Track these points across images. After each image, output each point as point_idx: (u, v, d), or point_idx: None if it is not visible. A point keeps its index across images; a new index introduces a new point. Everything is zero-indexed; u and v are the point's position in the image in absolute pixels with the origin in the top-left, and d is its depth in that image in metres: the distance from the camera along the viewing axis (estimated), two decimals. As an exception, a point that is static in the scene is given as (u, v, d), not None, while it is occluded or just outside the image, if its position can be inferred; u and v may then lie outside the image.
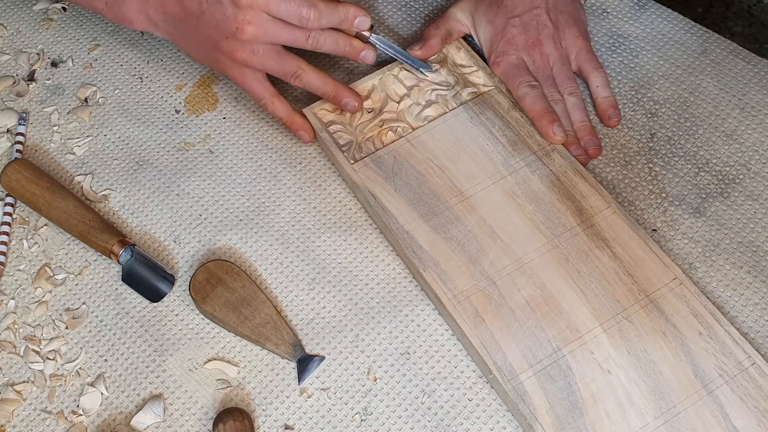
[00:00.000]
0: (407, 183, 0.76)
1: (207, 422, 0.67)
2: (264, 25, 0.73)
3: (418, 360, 0.69)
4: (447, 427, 0.66)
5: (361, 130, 0.80)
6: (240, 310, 0.71)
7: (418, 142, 0.78)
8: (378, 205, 0.75)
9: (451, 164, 0.77)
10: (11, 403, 0.69)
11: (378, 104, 0.82)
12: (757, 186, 0.76)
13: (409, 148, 0.78)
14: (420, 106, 0.81)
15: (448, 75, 0.83)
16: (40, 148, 0.83)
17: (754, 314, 0.70)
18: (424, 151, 0.78)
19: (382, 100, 0.82)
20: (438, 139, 0.78)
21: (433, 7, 0.91)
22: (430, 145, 0.78)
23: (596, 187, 0.74)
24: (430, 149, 0.78)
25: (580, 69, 0.82)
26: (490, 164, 0.77)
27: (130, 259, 0.74)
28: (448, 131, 0.79)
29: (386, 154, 0.78)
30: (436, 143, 0.78)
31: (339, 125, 0.80)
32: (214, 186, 0.80)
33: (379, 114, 0.81)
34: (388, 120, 0.80)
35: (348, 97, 0.79)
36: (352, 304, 0.72)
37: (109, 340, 0.72)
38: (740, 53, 0.84)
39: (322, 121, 0.80)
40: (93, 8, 0.81)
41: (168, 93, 0.87)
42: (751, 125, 0.80)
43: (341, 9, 0.75)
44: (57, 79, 0.88)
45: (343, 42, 0.77)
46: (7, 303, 0.74)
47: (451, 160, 0.77)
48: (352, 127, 0.80)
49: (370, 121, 0.80)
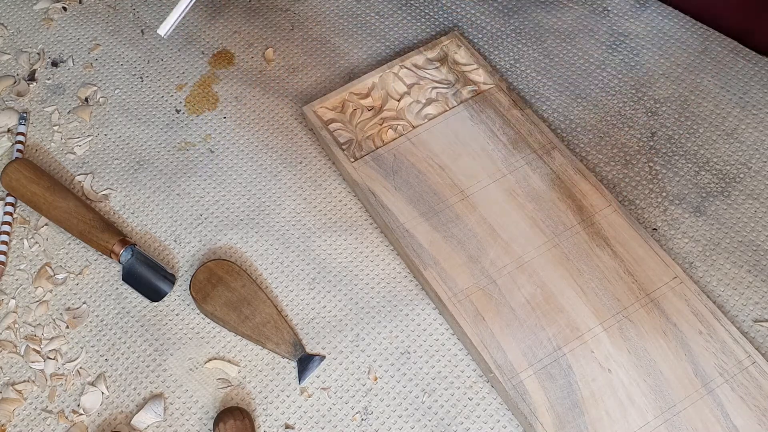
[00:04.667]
0: (407, 181, 0.76)
1: (207, 421, 0.67)
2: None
3: (419, 359, 0.69)
4: (447, 426, 0.66)
5: (361, 128, 0.80)
6: (240, 309, 0.71)
7: (419, 141, 0.78)
8: (378, 203, 0.75)
9: (451, 162, 0.77)
10: (12, 403, 0.69)
11: (378, 102, 0.82)
12: (757, 185, 0.76)
13: (410, 147, 0.78)
14: (420, 105, 0.81)
15: (448, 73, 0.83)
16: (40, 148, 0.83)
17: (754, 313, 0.69)
18: (424, 149, 0.78)
19: (382, 98, 0.82)
20: (438, 137, 0.78)
21: (433, 6, 0.91)
22: (430, 144, 0.78)
23: (597, 186, 0.74)
24: (431, 147, 0.78)
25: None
26: (491, 163, 0.77)
27: (130, 258, 0.74)
28: (449, 129, 0.79)
29: (386, 152, 0.78)
30: (437, 141, 0.78)
31: (339, 123, 0.80)
32: (215, 186, 0.80)
33: (379, 112, 0.81)
34: (388, 118, 0.80)
35: None
36: (352, 303, 0.72)
37: (110, 339, 0.72)
38: (741, 51, 0.84)
39: (321, 119, 0.80)
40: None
41: (168, 93, 0.87)
42: (751, 124, 0.80)
43: None
44: (57, 78, 0.88)
45: None
46: (7, 302, 0.74)
47: (452, 159, 0.77)
48: (352, 125, 0.80)
49: (370, 119, 0.80)
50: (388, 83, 0.83)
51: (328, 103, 0.81)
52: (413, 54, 0.84)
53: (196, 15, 0.92)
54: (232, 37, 0.90)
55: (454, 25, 0.89)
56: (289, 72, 0.87)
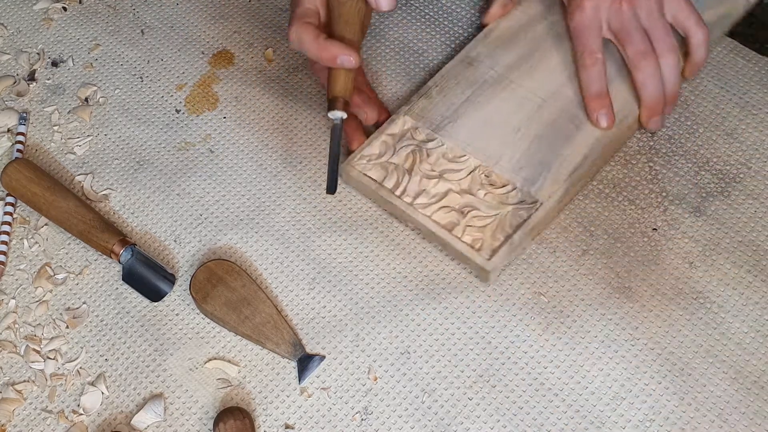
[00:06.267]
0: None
1: (207, 422, 0.67)
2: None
3: (419, 359, 0.69)
4: (447, 426, 0.66)
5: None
6: (240, 309, 0.71)
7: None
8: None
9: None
10: (12, 403, 0.69)
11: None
12: (757, 185, 0.76)
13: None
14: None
15: None
16: (40, 148, 0.83)
17: (754, 313, 0.69)
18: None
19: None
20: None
21: (433, 5, 0.91)
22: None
23: None
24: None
25: (675, 21, 0.76)
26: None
27: (130, 258, 0.74)
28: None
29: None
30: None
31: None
32: (215, 186, 0.80)
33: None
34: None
35: (341, 54, 0.70)
36: (352, 303, 0.72)
37: (110, 339, 0.72)
38: (740, 51, 0.84)
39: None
40: None
41: (168, 93, 0.87)
42: (751, 124, 0.80)
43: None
44: (57, 78, 0.88)
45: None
46: (7, 302, 0.74)
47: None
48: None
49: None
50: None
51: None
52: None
53: (196, 15, 0.92)
54: (232, 37, 0.90)
55: (454, 25, 0.89)
56: (289, 72, 0.87)
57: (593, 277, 0.72)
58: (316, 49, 0.71)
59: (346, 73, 0.71)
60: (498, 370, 0.68)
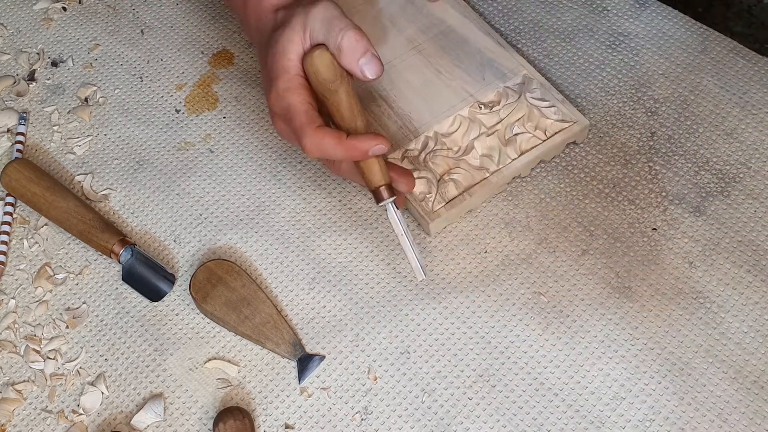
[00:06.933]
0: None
1: (207, 421, 0.67)
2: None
3: (418, 359, 0.69)
4: (447, 426, 0.66)
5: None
6: (240, 309, 0.71)
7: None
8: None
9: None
10: (12, 403, 0.69)
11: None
12: (757, 185, 0.76)
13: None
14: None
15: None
16: (40, 148, 0.83)
17: (754, 313, 0.70)
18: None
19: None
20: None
21: (433, 6, 0.91)
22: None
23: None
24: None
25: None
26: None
27: (130, 258, 0.74)
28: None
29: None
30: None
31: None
32: (215, 185, 0.80)
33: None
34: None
35: (372, 146, 0.66)
36: (352, 303, 0.72)
37: (110, 339, 0.72)
38: (740, 51, 0.84)
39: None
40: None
41: (168, 93, 0.87)
42: (751, 124, 0.80)
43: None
44: (57, 78, 0.88)
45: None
46: (7, 302, 0.74)
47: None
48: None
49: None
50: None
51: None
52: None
53: (196, 15, 0.92)
54: (232, 37, 0.90)
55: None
56: (289, 72, 0.87)
57: (593, 277, 0.72)
58: (343, 151, 0.66)
59: (379, 159, 0.68)
60: (498, 370, 0.68)
